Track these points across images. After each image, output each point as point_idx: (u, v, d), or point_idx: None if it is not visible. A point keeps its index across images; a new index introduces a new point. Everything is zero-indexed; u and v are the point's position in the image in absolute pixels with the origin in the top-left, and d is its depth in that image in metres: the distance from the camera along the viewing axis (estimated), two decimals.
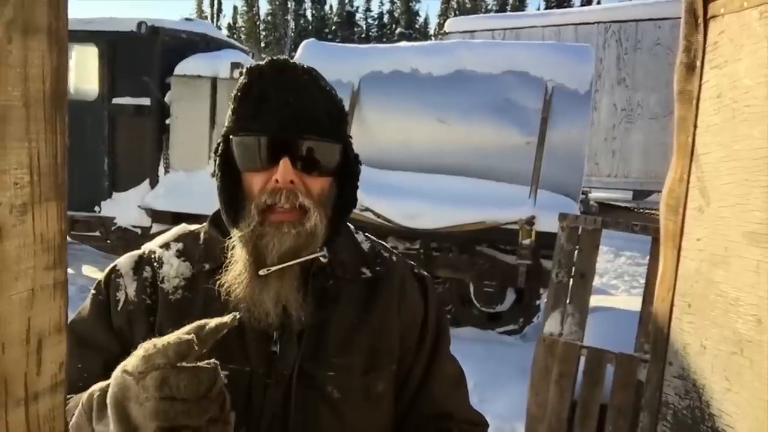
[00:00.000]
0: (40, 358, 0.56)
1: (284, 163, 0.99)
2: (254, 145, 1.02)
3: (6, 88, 0.51)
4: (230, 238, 1.04)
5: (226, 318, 0.80)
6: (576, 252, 3.32)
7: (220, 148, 1.08)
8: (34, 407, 0.56)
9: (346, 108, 1.18)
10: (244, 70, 1.06)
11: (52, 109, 0.55)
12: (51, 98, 0.54)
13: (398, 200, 5.24)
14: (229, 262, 1.03)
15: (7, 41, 0.51)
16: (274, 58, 1.06)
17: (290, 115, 1.01)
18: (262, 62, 1.05)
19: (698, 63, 1.11)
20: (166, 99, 6.71)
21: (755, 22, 0.96)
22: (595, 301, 5.64)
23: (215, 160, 1.09)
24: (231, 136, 1.05)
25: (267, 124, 1.01)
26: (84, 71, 6.85)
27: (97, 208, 6.86)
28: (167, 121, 6.74)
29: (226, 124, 1.08)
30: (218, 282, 1.02)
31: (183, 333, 0.79)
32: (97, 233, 6.97)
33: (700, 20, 1.09)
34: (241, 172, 1.05)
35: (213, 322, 0.80)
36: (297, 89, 1.02)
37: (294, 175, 1.00)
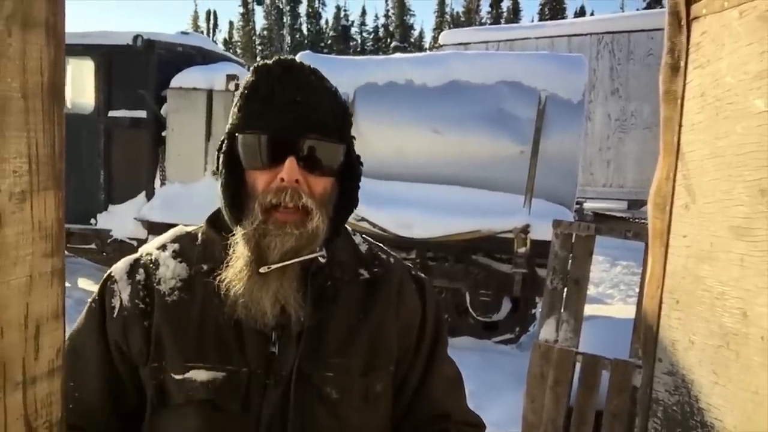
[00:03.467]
0: (38, 344, 0.58)
1: (290, 162, 1.00)
2: (260, 143, 1.02)
3: (5, 80, 0.53)
4: (233, 235, 1.04)
5: None
6: (570, 259, 3.34)
7: (224, 145, 1.08)
8: (32, 391, 0.57)
9: None
10: (252, 69, 1.06)
11: (50, 101, 0.57)
12: (49, 90, 0.56)
13: (394, 210, 5.26)
14: (230, 259, 1.03)
15: (7, 34, 0.53)
16: (282, 57, 1.06)
17: (296, 114, 1.01)
18: (269, 61, 1.06)
19: (682, 63, 1.13)
20: (162, 111, 6.73)
21: (735, 21, 0.99)
22: (591, 310, 5.65)
23: (219, 157, 1.09)
24: (237, 134, 1.05)
25: (273, 123, 1.01)
26: (80, 85, 6.88)
27: (93, 221, 6.86)
28: (163, 134, 6.76)
29: (230, 122, 1.07)
30: (218, 278, 1.02)
31: None
32: (93, 246, 6.96)
33: (683, 22, 1.12)
34: (245, 170, 1.05)
35: None
36: (304, 88, 1.02)
37: (299, 174, 1.00)
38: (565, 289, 3.33)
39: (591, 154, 10.82)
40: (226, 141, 1.08)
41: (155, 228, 6.38)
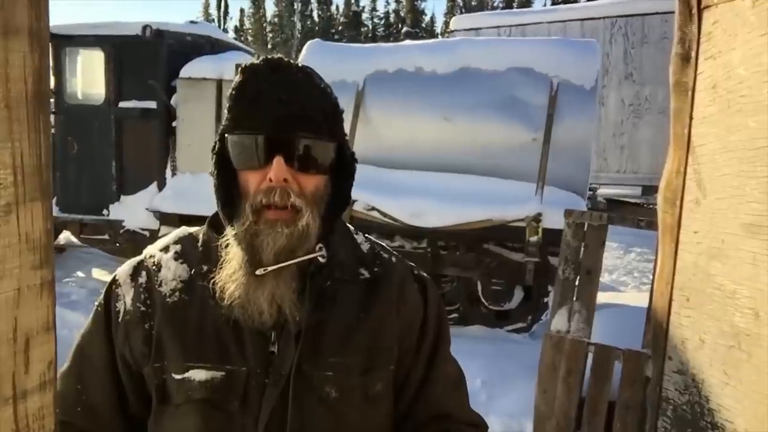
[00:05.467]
0: (28, 357, 0.57)
1: (277, 162, 1.00)
2: (249, 143, 1.02)
3: None
4: (225, 236, 1.05)
5: None
6: (582, 248, 3.31)
7: (216, 146, 1.09)
8: (23, 405, 0.57)
9: (351, 108, 1.18)
10: (240, 69, 1.06)
11: (35, 110, 0.55)
12: (33, 99, 0.55)
13: (404, 199, 5.23)
14: (224, 260, 1.03)
15: None
16: (269, 56, 1.06)
17: (284, 114, 1.01)
18: (257, 61, 1.05)
19: (693, 54, 1.10)
20: (172, 102, 6.75)
21: (748, 11, 0.95)
22: (604, 297, 5.61)
23: (212, 159, 1.09)
24: (226, 135, 1.05)
25: (261, 123, 1.01)
26: (90, 76, 6.91)
27: (105, 212, 6.91)
28: (173, 124, 6.77)
29: (222, 123, 1.08)
30: (213, 280, 1.03)
31: None
32: (106, 236, 7.02)
33: (694, 11, 1.08)
34: (237, 171, 1.06)
35: None
36: (291, 87, 1.02)
37: (287, 173, 1.00)
38: (577, 279, 3.31)
39: (605, 139, 10.72)
40: (218, 142, 1.08)
41: (167, 218, 6.42)
